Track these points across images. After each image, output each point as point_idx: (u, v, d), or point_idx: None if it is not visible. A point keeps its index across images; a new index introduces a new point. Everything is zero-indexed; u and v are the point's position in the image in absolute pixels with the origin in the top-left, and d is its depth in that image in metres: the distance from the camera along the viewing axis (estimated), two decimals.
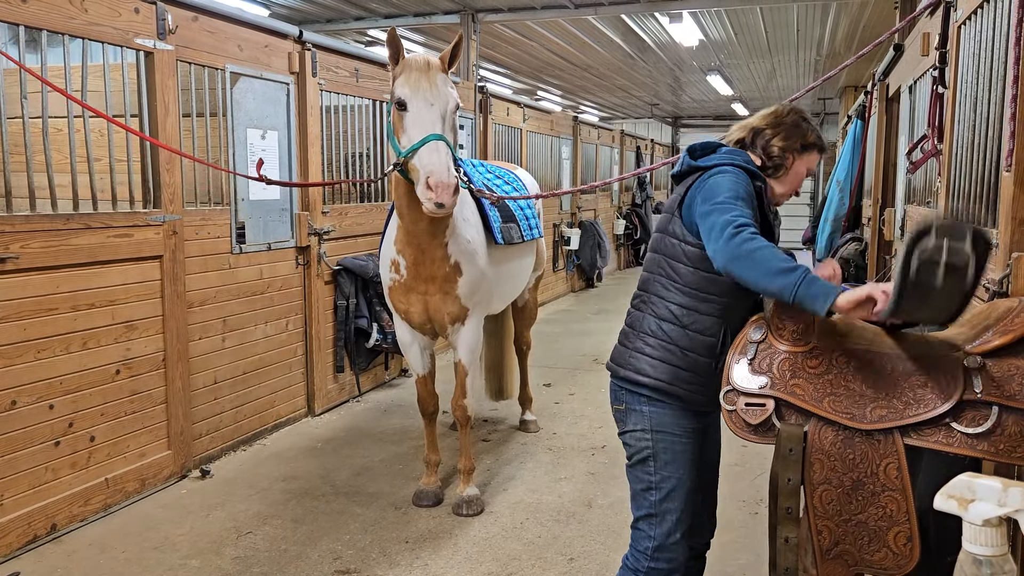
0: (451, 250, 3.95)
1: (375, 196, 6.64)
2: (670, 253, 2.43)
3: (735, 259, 2.08)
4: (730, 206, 2.20)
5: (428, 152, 3.37)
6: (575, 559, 3.69)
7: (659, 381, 2.40)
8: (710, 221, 2.21)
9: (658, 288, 2.45)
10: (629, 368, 2.46)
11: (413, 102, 3.46)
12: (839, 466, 2.03)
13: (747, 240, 2.08)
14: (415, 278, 3.98)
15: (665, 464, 2.46)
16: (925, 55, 4.69)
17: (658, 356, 2.41)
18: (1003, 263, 2.56)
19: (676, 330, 2.40)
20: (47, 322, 3.74)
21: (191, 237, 4.60)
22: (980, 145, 3.09)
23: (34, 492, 3.72)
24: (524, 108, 10.07)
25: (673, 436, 2.46)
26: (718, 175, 2.36)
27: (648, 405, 2.45)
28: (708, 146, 2.52)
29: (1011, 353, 1.93)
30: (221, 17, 4.79)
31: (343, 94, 6.01)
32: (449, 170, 3.34)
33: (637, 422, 2.48)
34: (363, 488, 4.49)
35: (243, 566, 3.59)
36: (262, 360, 5.26)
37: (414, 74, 3.48)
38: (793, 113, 2.58)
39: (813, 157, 2.56)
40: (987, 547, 1.37)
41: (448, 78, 3.57)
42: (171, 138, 4.43)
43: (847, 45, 11.62)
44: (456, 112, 3.60)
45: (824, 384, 2.09)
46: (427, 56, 3.58)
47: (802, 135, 2.53)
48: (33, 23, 3.63)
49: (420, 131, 3.42)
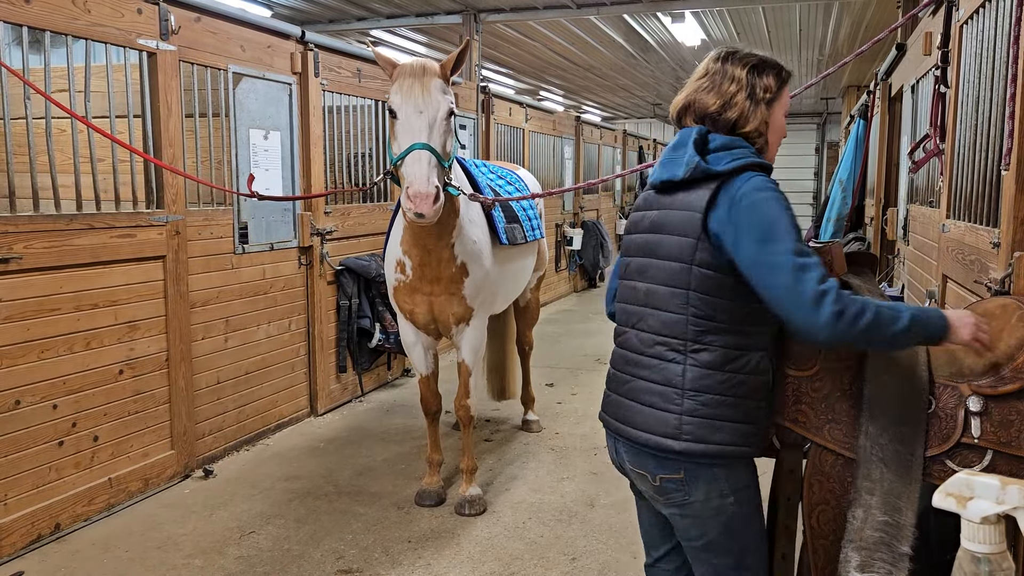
0: (457, 251, 3.95)
1: (377, 196, 6.65)
2: (702, 288, 1.98)
3: (848, 339, 1.84)
4: (796, 252, 1.88)
5: (411, 162, 3.37)
6: (577, 559, 3.69)
7: (733, 446, 1.98)
8: (780, 279, 1.86)
9: (691, 331, 1.99)
10: (688, 439, 1.97)
11: (402, 110, 3.46)
12: (837, 488, 2.02)
13: (853, 315, 1.81)
14: (420, 279, 3.98)
15: (747, 522, 2.07)
16: (927, 54, 4.69)
17: (720, 415, 1.98)
18: (1005, 262, 2.56)
19: (731, 377, 1.98)
20: (50, 322, 3.75)
21: (194, 237, 4.61)
22: (982, 144, 3.09)
23: (38, 492, 3.73)
24: (526, 108, 10.08)
25: (751, 489, 2.08)
26: (758, 198, 1.94)
27: (721, 468, 2.01)
28: (710, 140, 2.06)
29: (1015, 397, 1.87)
30: (224, 18, 4.80)
31: (345, 94, 6.02)
32: (428, 180, 3.31)
33: (711, 489, 2.01)
34: (366, 488, 4.50)
35: (246, 565, 3.60)
36: (265, 360, 5.27)
37: (407, 81, 3.47)
38: (729, 60, 2.10)
39: (785, 91, 2.13)
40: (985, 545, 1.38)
41: (443, 84, 3.53)
42: (174, 139, 4.44)
43: (849, 45, 11.60)
44: (449, 118, 3.55)
45: (826, 409, 2.05)
46: (424, 62, 3.56)
47: (763, 77, 2.08)
48: (36, 24, 3.64)
49: (408, 139, 3.42)
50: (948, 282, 3.65)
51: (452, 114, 3.58)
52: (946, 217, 3.72)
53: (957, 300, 3.44)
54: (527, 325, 5.57)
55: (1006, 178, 2.62)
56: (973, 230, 3.13)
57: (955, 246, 3.45)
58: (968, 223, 3.27)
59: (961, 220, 3.42)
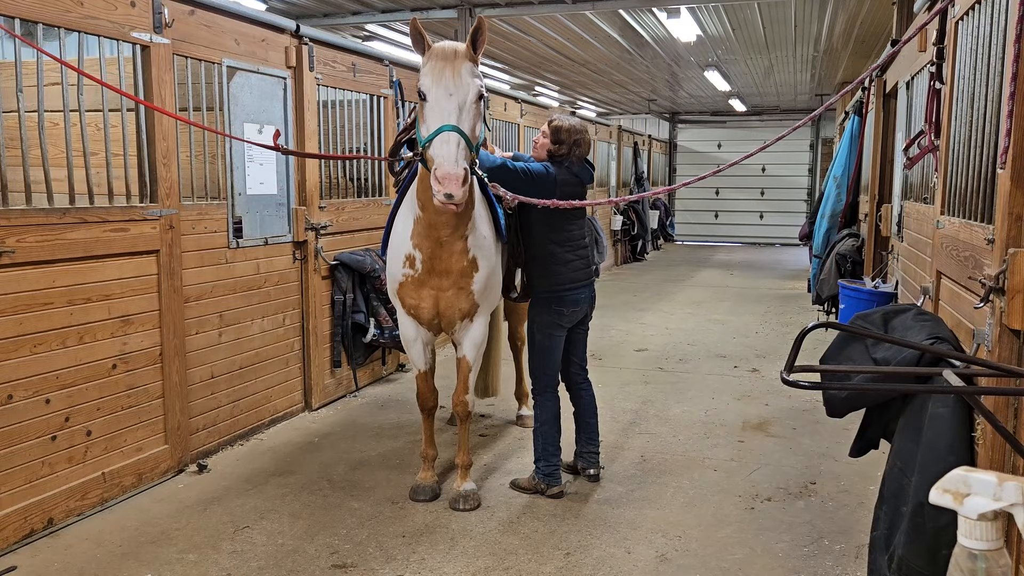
0: (470, 244, 3.93)
1: (372, 191, 6.63)
2: None
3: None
4: None
5: (439, 143, 3.36)
6: (571, 553, 3.70)
7: None
8: None
9: None
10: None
11: (432, 92, 3.46)
12: None
13: None
14: (430, 272, 3.96)
15: None
16: (923, 51, 4.69)
17: None
18: (999, 259, 2.56)
19: None
20: (43, 316, 3.73)
21: (188, 232, 4.59)
22: (977, 141, 3.09)
23: (31, 487, 3.72)
24: (521, 103, 10.06)
25: None
26: None
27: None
28: None
29: None
30: (218, 11, 4.77)
31: (341, 89, 6.00)
32: (456, 161, 3.31)
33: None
34: (360, 483, 4.49)
35: (240, 560, 3.59)
36: (259, 355, 5.26)
37: (438, 64, 3.47)
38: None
39: None
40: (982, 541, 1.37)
41: (474, 67, 3.53)
42: (167, 133, 4.42)
43: (844, 41, 11.61)
44: (480, 101, 3.54)
45: None
46: (455, 44, 3.55)
47: None
48: (29, 16, 3.61)
49: (437, 121, 3.42)
50: (942, 278, 3.66)
51: (481, 97, 3.56)
52: (941, 213, 3.73)
53: (951, 296, 3.45)
54: (519, 321, 5.56)
55: (1001, 174, 2.62)
56: (968, 226, 3.14)
57: (949, 242, 3.45)
58: (963, 219, 3.28)
59: (956, 216, 3.43)
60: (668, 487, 4.45)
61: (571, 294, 4.27)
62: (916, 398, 2.71)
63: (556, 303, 4.24)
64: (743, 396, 6.29)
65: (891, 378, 2.64)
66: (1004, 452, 2.56)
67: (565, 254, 4.24)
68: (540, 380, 4.32)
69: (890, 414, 2.99)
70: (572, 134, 4.21)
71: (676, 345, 8.21)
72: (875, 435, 3.12)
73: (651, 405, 6.01)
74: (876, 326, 3.15)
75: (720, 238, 21.46)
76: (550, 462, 4.31)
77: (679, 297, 11.60)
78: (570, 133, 4.21)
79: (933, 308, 3.76)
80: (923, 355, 2.64)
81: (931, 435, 2.54)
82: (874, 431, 3.11)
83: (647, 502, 4.25)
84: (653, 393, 6.35)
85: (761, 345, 8.22)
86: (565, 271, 4.24)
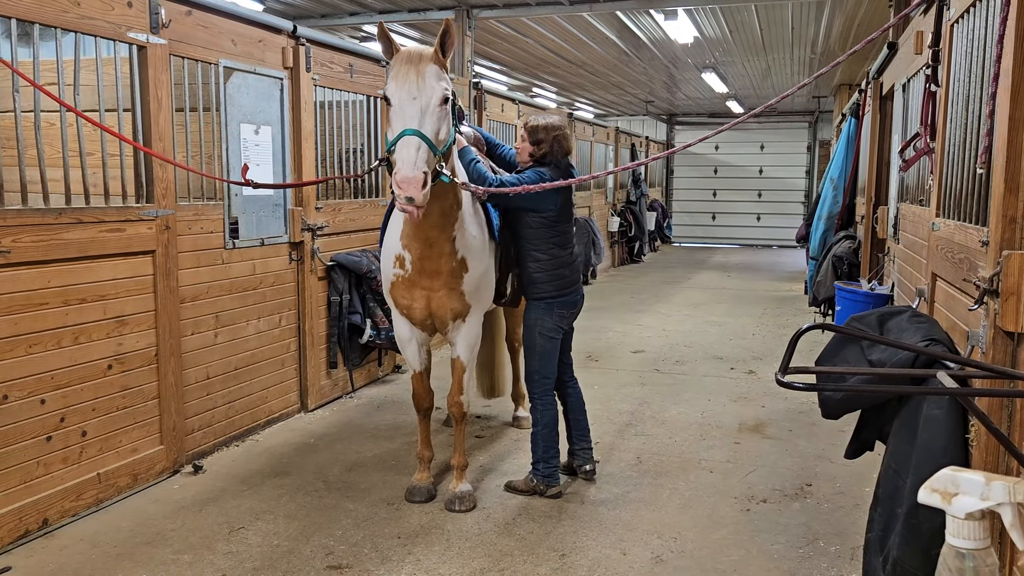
0: (458, 244, 3.94)
1: (369, 192, 6.63)
2: None
3: None
4: None
5: (400, 147, 3.39)
6: (567, 555, 3.69)
7: None
8: None
9: None
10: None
11: (396, 96, 3.48)
12: None
13: None
14: (420, 272, 3.96)
15: None
16: (918, 53, 4.70)
17: None
18: (993, 261, 2.57)
19: None
20: (38, 317, 3.72)
21: (184, 232, 4.59)
22: (972, 143, 3.10)
23: (25, 487, 3.71)
24: (519, 105, 10.07)
25: None
26: None
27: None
28: None
29: None
30: (215, 11, 4.77)
31: (338, 90, 6.00)
32: (415, 165, 3.33)
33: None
34: (356, 484, 4.49)
35: (235, 561, 3.59)
36: (255, 356, 5.25)
37: (403, 68, 3.48)
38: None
39: None
40: (970, 541, 1.38)
41: (439, 70, 3.53)
42: (164, 133, 4.42)
43: (842, 43, 11.63)
44: (444, 104, 3.54)
45: None
46: (420, 48, 3.56)
47: None
48: (25, 16, 3.61)
49: (399, 125, 3.44)
50: (937, 280, 3.67)
51: (447, 100, 3.56)
52: (936, 216, 3.73)
53: (946, 298, 3.46)
54: (516, 322, 5.54)
55: (995, 177, 2.63)
56: (963, 228, 3.15)
57: (944, 244, 3.46)
58: (958, 221, 3.28)
59: (951, 218, 3.44)
60: (664, 488, 4.46)
61: (573, 295, 4.32)
62: (911, 400, 2.71)
63: (559, 306, 4.26)
64: (739, 398, 6.29)
65: (886, 380, 2.65)
66: (998, 453, 2.57)
67: (567, 256, 4.25)
68: (540, 383, 4.32)
69: (885, 416, 2.99)
70: (550, 131, 4.18)
71: (673, 347, 8.21)
72: (870, 437, 3.12)
73: (648, 406, 6.02)
74: (872, 328, 3.15)
75: (717, 240, 21.49)
76: (550, 464, 4.31)
77: (676, 299, 11.61)
78: (547, 130, 4.18)
79: (928, 310, 3.77)
80: (918, 357, 2.64)
81: (926, 437, 2.54)
82: (869, 433, 3.11)
83: (643, 503, 4.25)
84: (650, 395, 6.35)
85: (758, 347, 8.23)
86: (569, 273, 4.27)
